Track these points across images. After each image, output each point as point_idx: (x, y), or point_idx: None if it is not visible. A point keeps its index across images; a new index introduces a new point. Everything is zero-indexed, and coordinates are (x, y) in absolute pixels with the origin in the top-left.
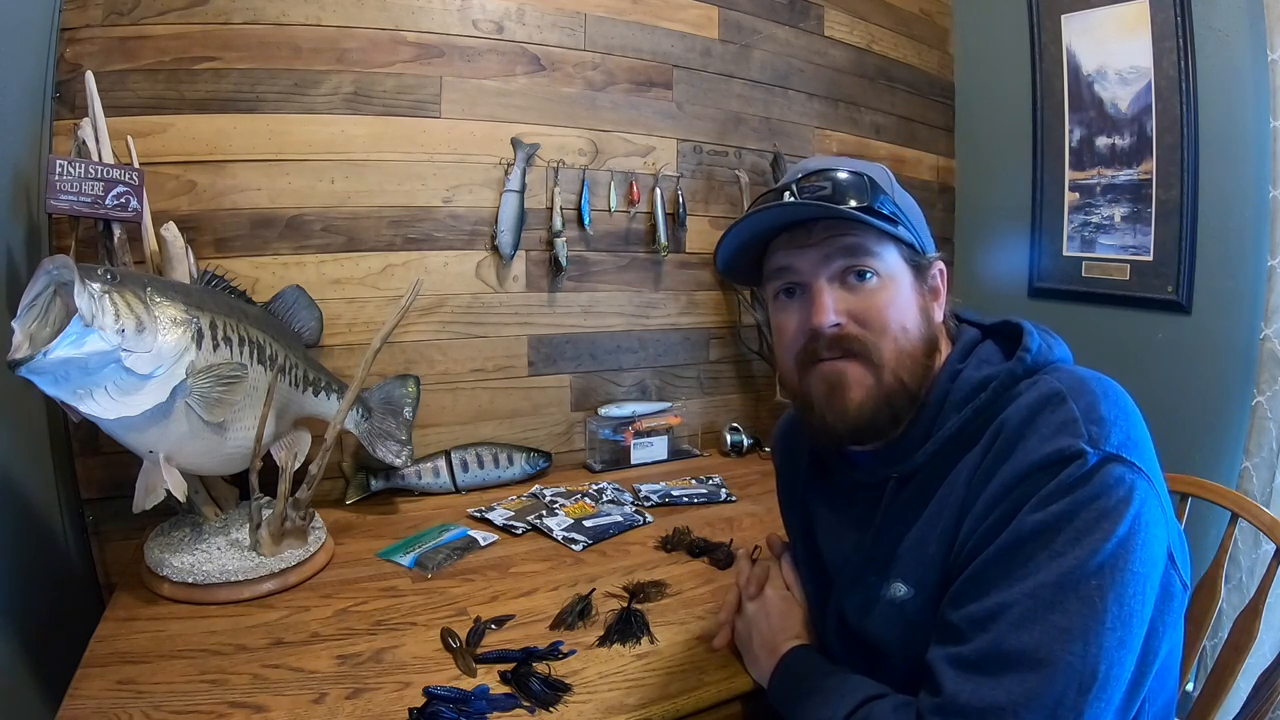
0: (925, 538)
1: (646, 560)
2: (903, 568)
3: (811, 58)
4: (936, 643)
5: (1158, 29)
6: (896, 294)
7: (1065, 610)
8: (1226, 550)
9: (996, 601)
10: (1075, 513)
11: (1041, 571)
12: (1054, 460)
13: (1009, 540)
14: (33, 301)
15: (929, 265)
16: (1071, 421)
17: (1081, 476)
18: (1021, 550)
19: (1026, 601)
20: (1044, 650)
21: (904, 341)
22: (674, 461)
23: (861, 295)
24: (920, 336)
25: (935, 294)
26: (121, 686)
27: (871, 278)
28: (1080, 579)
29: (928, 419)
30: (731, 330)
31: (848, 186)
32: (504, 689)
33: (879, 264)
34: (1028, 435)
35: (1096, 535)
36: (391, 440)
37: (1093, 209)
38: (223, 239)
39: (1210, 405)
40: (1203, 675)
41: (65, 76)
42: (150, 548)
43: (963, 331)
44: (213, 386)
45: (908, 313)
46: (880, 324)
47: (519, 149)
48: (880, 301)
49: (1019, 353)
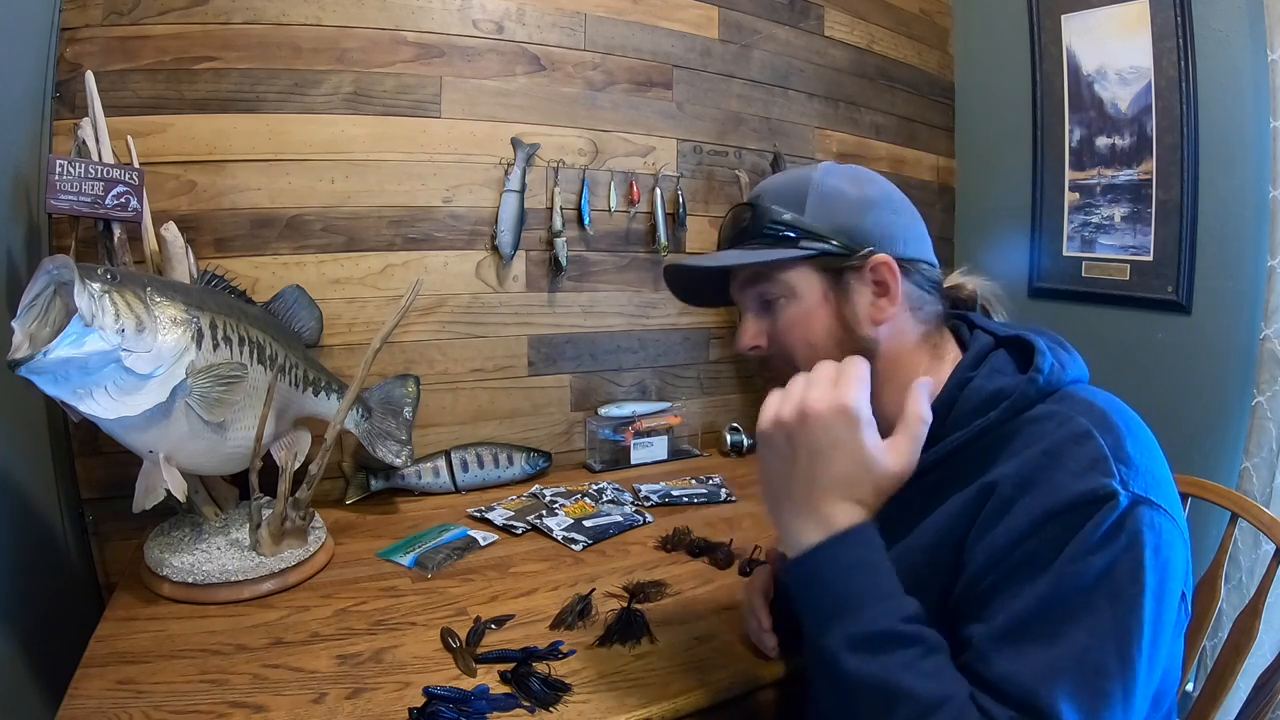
0: (914, 547)
1: (646, 560)
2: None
3: (811, 58)
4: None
5: (1158, 29)
6: (801, 313)
7: (1109, 675)
8: (1226, 550)
9: (1045, 666)
10: (1113, 567)
11: (1084, 633)
12: (1087, 500)
13: (1049, 594)
14: (33, 301)
15: (860, 265)
16: (1101, 460)
17: (1115, 524)
18: (1061, 607)
19: (1075, 669)
20: (1090, 715)
21: (813, 356)
22: (674, 461)
23: (773, 319)
24: (836, 345)
25: (883, 290)
26: (121, 686)
27: (779, 301)
28: (1122, 641)
29: (932, 422)
30: (732, 330)
31: (746, 218)
32: (504, 689)
33: (777, 287)
34: (1053, 470)
35: (1134, 590)
36: (391, 440)
37: (1093, 209)
38: (223, 239)
39: (1210, 405)
40: (1203, 675)
41: (65, 76)
42: (150, 548)
43: (975, 337)
44: (213, 386)
45: (814, 328)
46: (786, 345)
47: (519, 149)
48: (783, 325)
49: (1030, 373)
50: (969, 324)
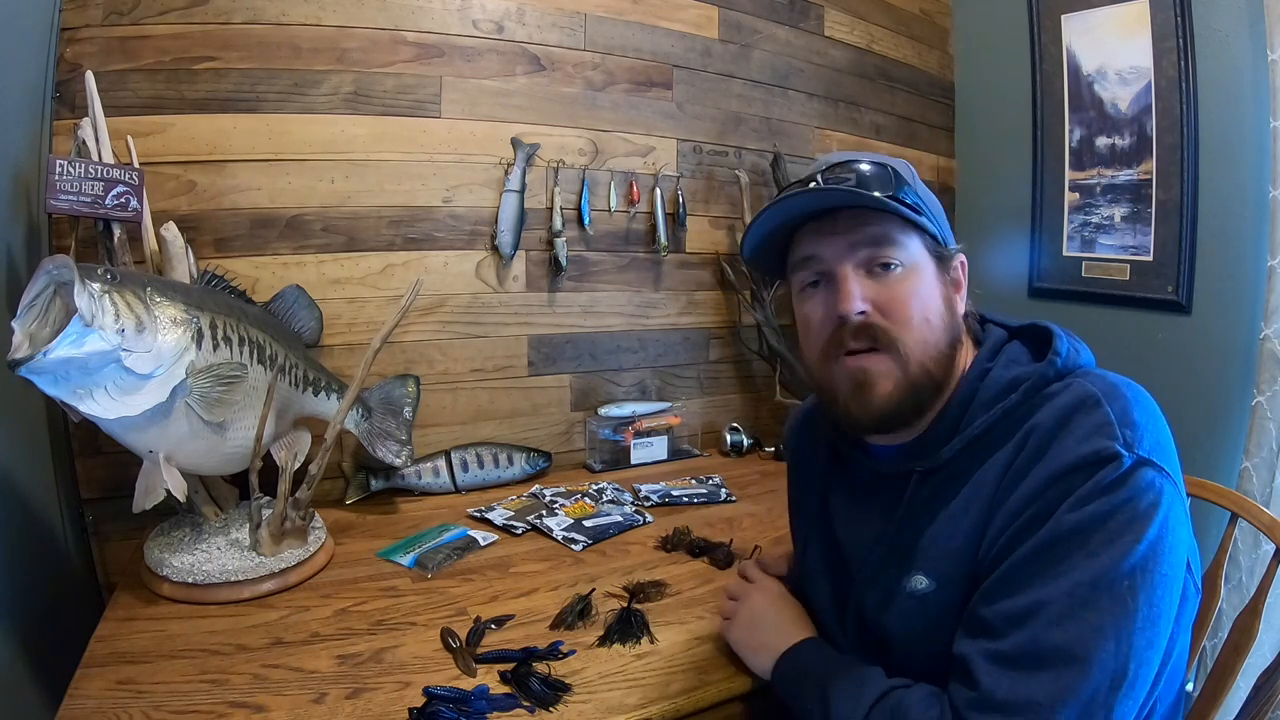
0: (949, 531)
1: (646, 560)
2: (925, 561)
3: (811, 58)
4: (968, 636)
5: (1158, 29)
6: (920, 284)
7: (1099, 609)
8: (1226, 550)
9: (1033, 599)
10: (1110, 514)
11: (1077, 570)
12: (1090, 461)
13: (1045, 538)
14: (33, 301)
15: (951, 257)
16: (1106, 424)
17: (1116, 479)
18: (1057, 549)
19: (1063, 600)
20: (1080, 647)
21: (928, 332)
22: (674, 461)
23: (886, 284)
24: (944, 327)
25: (957, 286)
26: (121, 686)
27: (896, 268)
28: (1114, 579)
29: (953, 415)
30: (731, 330)
31: (872, 178)
32: (504, 689)
33: (903, 254)
34: (1062, 436)
35: (1129, 537)
36: (391, 440)
37: (1093, 209)
38: (223, 239)
39: (1210, 405)
40: (1202, 675)
41: (65, 76)
42: (150, 548)
43: (989, 331)
44: (213, 386)
45: (931, 303)
46: (904, 315)
47: (519, 149)
48: (904, 292)
49: (1050, 356)
50: (980, 319)
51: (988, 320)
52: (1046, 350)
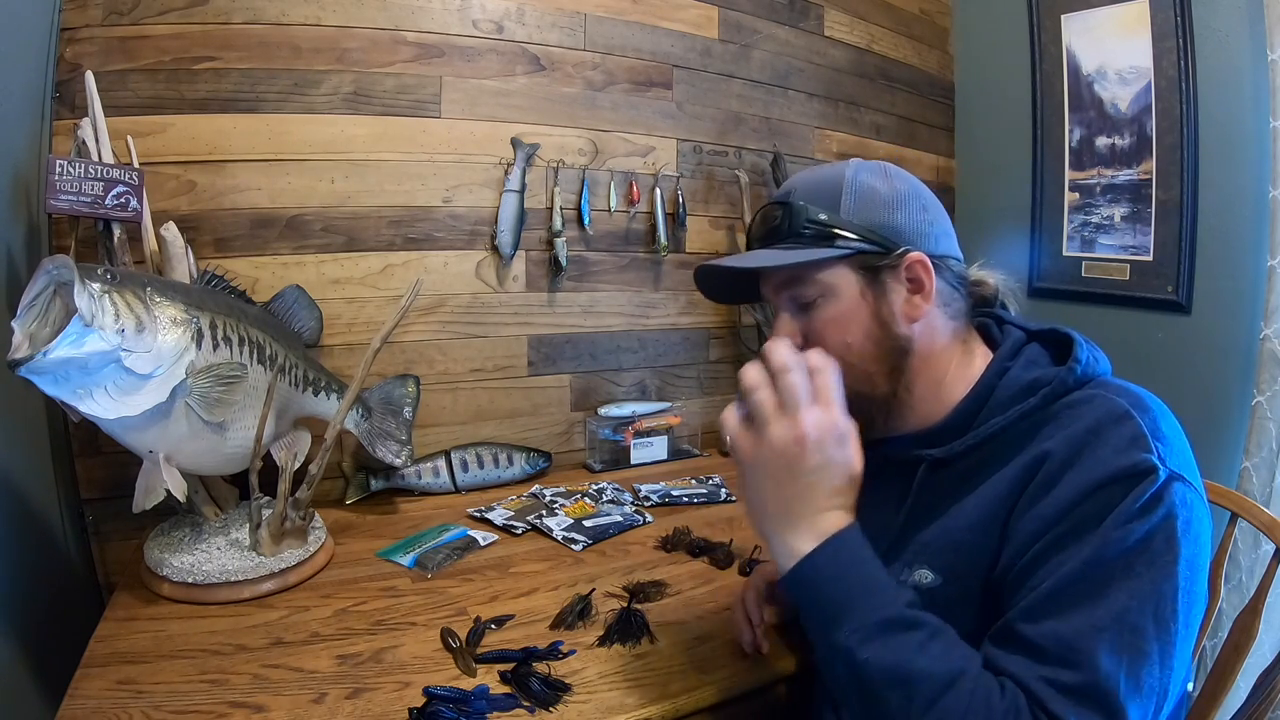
0: (957, 526)
1: (646, 560)
2: (930, 554)
3: (811, 58)
4: (1010, 651)
5: (1158, 29)
6: (839, 313)
7: (1146, 635)
8: (1226, 550)
9: (1087, 624)
10: (1152, 536)
11: (1124, 595)
12: (1128, 474)
13: (1091, 558)
14: (33, 301)
15: (896, 263)
16: (1140, 437)
17: (1154, 496)
18: (1103, 571)
19: (1115, 628)
20: (1135, 678)
21: (850, 356)
22: (674, 461)
23: (809, 319)
24: (873, 344)
25: (918, 288)
26: (121, 686)
27: (816, 300)
28: (1158, 604)
29: (969, 409)
30: (731, 330)
31: (780, 218)
32: (504, 689)
33: (815, 288)
34: (1095, 446)
35: (1169, 558)
36: (391, 440)
37: (1093, 209)
38: (223, 239)
39: (1210, 405)
40: (1202, 675)
41: (65, 76)
42: (150, 548)
43: (1008, 332)
44: (213, 386)
45: (853, 325)
46: (825, 345)
47: (519, 149)
48: (819, 324)
49: (1070, 362)
50: (997, 320)
51: (1006, 322)
52: (1065, 355)
